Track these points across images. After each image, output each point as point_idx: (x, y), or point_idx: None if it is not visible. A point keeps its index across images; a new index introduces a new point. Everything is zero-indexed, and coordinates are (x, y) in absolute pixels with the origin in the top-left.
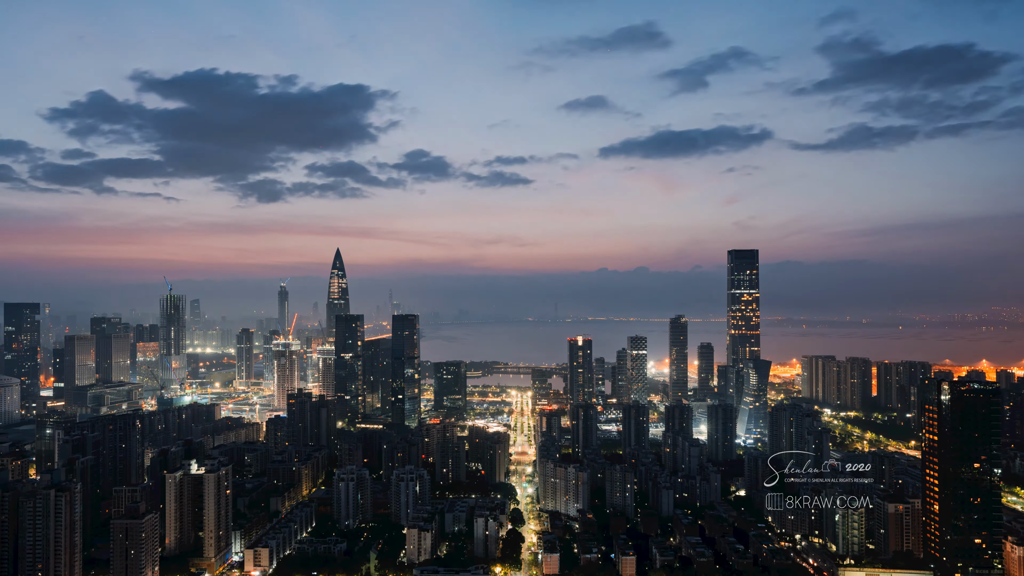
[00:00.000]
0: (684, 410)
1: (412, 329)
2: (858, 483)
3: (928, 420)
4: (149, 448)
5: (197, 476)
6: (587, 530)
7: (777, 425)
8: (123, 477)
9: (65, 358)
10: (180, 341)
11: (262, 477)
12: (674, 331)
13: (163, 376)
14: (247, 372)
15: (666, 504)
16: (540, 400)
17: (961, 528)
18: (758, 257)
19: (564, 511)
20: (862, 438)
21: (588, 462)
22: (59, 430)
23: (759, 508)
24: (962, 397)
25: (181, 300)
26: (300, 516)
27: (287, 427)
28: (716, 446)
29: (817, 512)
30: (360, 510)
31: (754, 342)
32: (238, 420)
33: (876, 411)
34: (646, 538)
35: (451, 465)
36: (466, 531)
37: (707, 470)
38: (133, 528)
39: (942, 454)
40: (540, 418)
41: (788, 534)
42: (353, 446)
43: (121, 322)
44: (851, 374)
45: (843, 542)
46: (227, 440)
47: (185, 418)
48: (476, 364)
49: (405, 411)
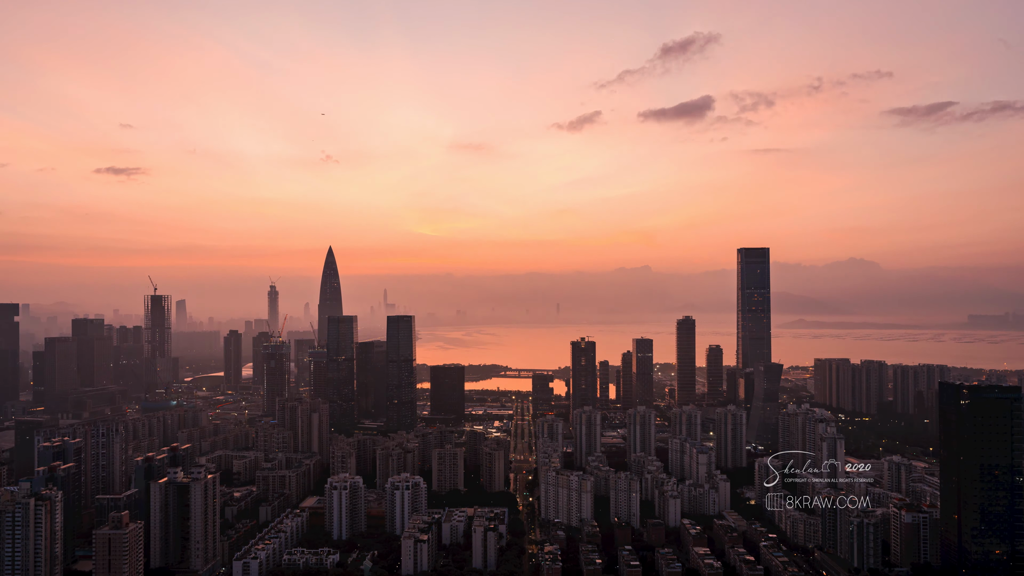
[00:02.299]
0: (692, 415)
1: (408, 331)
2: (874, 491)
3: (946, 426)
4: (134, 455)
5: (183, 484)
6: (591, 541)
7: (789, 431)
8: (106, 485)
9: (45, 361)
10: (165, 343)
11: (251, 485)
12: (681, 332)
13: (147, 380)
14: (235, 375)
15: (673, 513)
16: (541, 405)
17: (982, 539)
18: (768, 256)
19: (567, 521)
20: (878, 444)
21: (592, 470)
22: (39, 436)
23: (770, 517)
24: (982, 402)
25: (166, 300)
26: (291, 526)
27: (277, 433)
28: (725, 453)
29: (832, 522)
30: (353, 520)
31: (765, 344)
32: (226, 426)
33: (892, 416)
34: (652, 549)
35: (448, 473)
36: (464, 542)
37: (716, 478)
38: (116, 539)
39: (961, 461)
40: (541, 424)
41: (801, 545)
42: (346, 453)
43: (104, 324)
44: (866, 377)
45: (858, 553)
46: (215, 447)
47: (171, 424)
48: (475, 367)
49: (400, 416)
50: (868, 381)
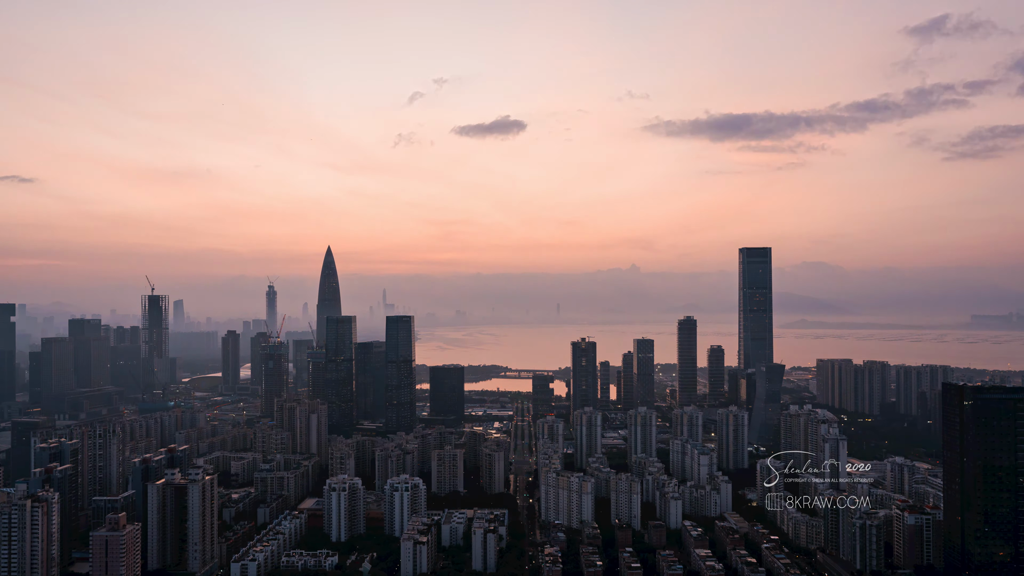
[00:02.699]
0: (693, 416)
1: (407, 331)
2: (877, 493)
3: (949, 427)
4: (131, 456)
5: (181, 486)
6: (591, 543)
7: (791, 432)
8: (103, 487)
9: (42, 362)
10: (163, 344)
11: (249, 487)
12: (683, 333)
13: (145, 380)
14: (233, 376)
15: (674, 515)
16: (541, 406)
17: (985, 541)
18: (770, 255)
19: (567, 523)
20: (880, 445)
21: (592, 471)
22: (35, 437)
23: (772, 519)
24: (985, 403)
25: (164, 300)
26: (289, 528)
27: (275, 434)
28: (727, 454)
29: (834, 524)
30: (352, 522)
31: (767, 345)
32: (224, 427)
33: (895, 417)
34: (653, 551)
35: (448, 474)
36: (464, 544)
37: (717, 479)
38: (113, 541)
39: (964, 463)
40: (542, 425)
41: (803, 546)
42: (345, 454)
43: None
44: (869, 378)
45: (861, 555)
46: (212, 448)
47: (168, 425)
48: (474, 368)
49: (400, 417)
50: (871, 382)
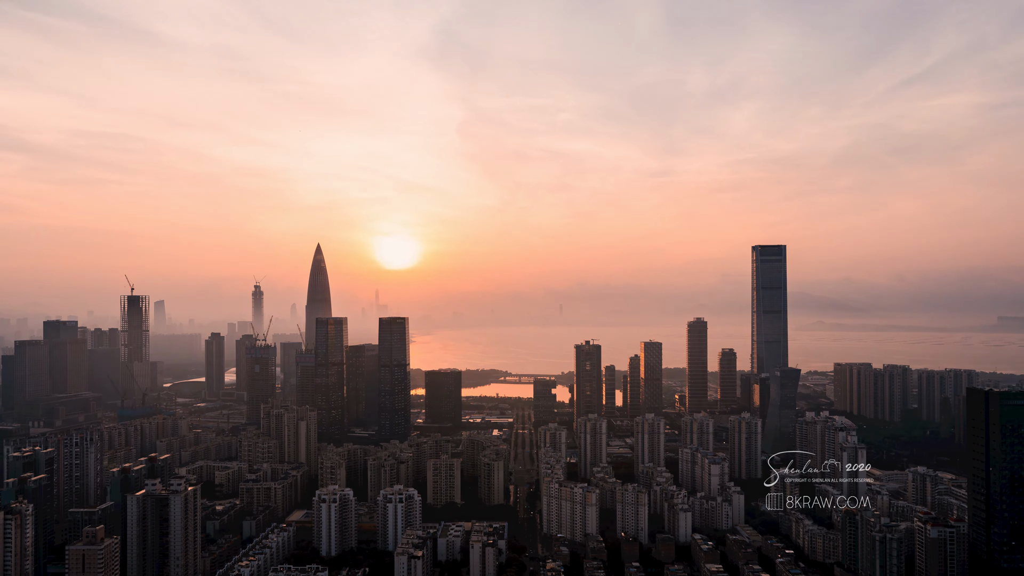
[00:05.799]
0: (703, 424)
1: (401, 334)
2: (898, 504)
3: (974, 434)
4: (109, 466)
5: (162, 497)
6: (596, 557)
7: (807, 440)
8: (80, 498)
9: (15, 366)
10: (143, 347)
11: (234, 498)
12: (693, 335)
13: (124, 386)
14: (218, 381)
15: (683, 528)
16: (543, 412)
17: (1012, 554)
18: (785, 253)
19: (570, 536)
20: (901, 454)
21: (597, 481)
22: (8, 446)
23: (787, 532)
24: (1012, 409)
25: (144, 301)
26: (276, 541)
27: (262, 443)
28: (739, 464)
29: (852, 537)
30: (343, 535)
31: (782, 348)
32: (207, 435)
33: (917, 424)
34: (661, 565)
35: (444, 485)
36: (461, 558)
37: (729, 490)
38: (91, 555)
39: (990, 472)
40: (543, 432)
41: (820, 561)
42: (335, 464)
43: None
44: (889, 383)
45: (881, 570)
46: (195, 457)
47: (149, 433)
48: (472, 373)
49: (393, 425)
50: (891, 387)
